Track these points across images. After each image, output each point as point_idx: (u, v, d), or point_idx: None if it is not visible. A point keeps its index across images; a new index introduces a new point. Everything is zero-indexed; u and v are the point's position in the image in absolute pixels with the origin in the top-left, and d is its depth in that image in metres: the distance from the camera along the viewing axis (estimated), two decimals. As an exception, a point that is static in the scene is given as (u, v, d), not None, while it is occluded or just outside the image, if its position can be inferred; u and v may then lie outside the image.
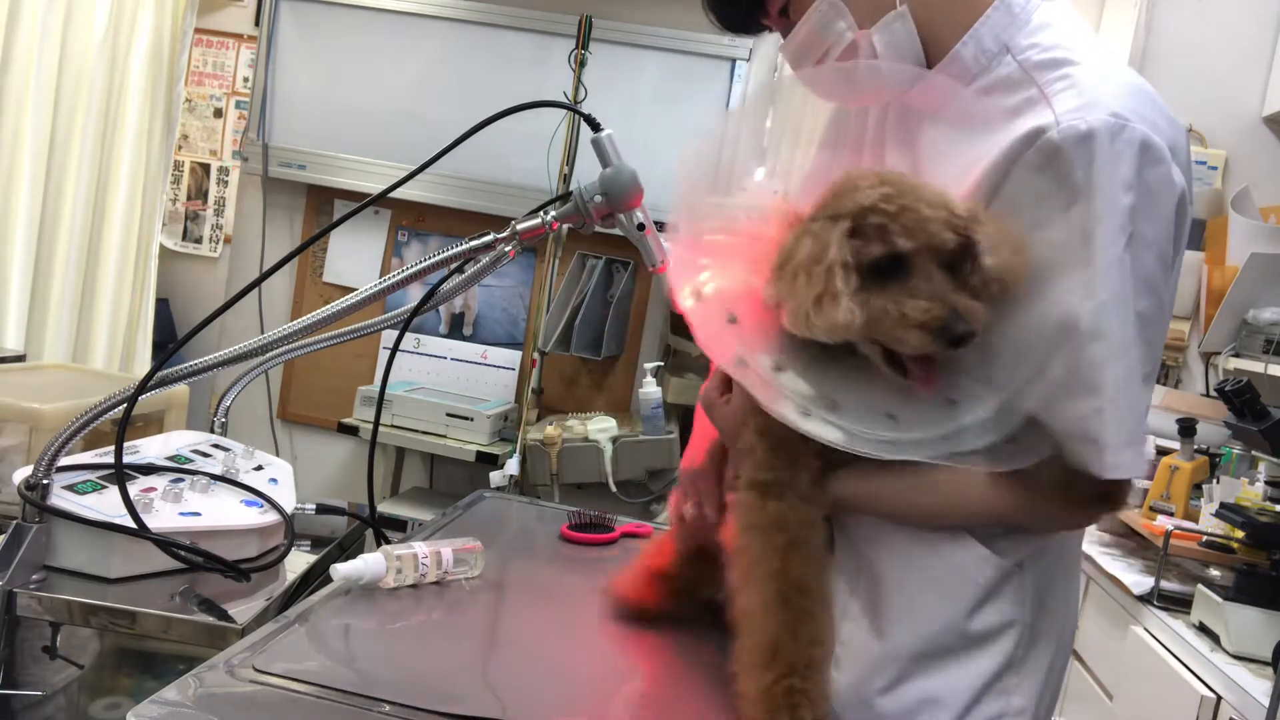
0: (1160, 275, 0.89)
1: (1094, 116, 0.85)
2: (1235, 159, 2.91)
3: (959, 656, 0.97)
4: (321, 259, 3.69)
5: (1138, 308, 0.87)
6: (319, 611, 1.00)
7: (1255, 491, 2.09)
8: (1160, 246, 0.88)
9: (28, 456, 1.35)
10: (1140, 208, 0.86)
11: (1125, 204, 0.85)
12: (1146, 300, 0.88)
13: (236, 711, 0.79)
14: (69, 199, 3.27)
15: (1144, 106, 0.88)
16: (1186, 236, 0.93)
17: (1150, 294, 0.88)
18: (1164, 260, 0.89)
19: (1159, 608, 1.90)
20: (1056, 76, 0.90)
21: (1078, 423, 0.88)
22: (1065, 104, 0.88)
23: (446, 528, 1.37)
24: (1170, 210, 0.88)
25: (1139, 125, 0.85)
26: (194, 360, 1.11)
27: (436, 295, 1.25)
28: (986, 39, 0.95)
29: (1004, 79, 0.94)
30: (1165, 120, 0.89)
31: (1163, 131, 0.87)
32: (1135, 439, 0.88)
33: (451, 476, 3.63)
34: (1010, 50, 0.95)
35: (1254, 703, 1.49)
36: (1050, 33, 0.94)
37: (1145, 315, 0.88)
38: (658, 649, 1.06)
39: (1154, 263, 0.88)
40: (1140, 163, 0.85)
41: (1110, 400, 0.86)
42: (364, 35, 3.53)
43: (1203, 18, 2.92)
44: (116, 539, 1.08)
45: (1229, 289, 2.56)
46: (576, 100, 3.37)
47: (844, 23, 0.98)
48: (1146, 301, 0.88)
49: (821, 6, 0.98)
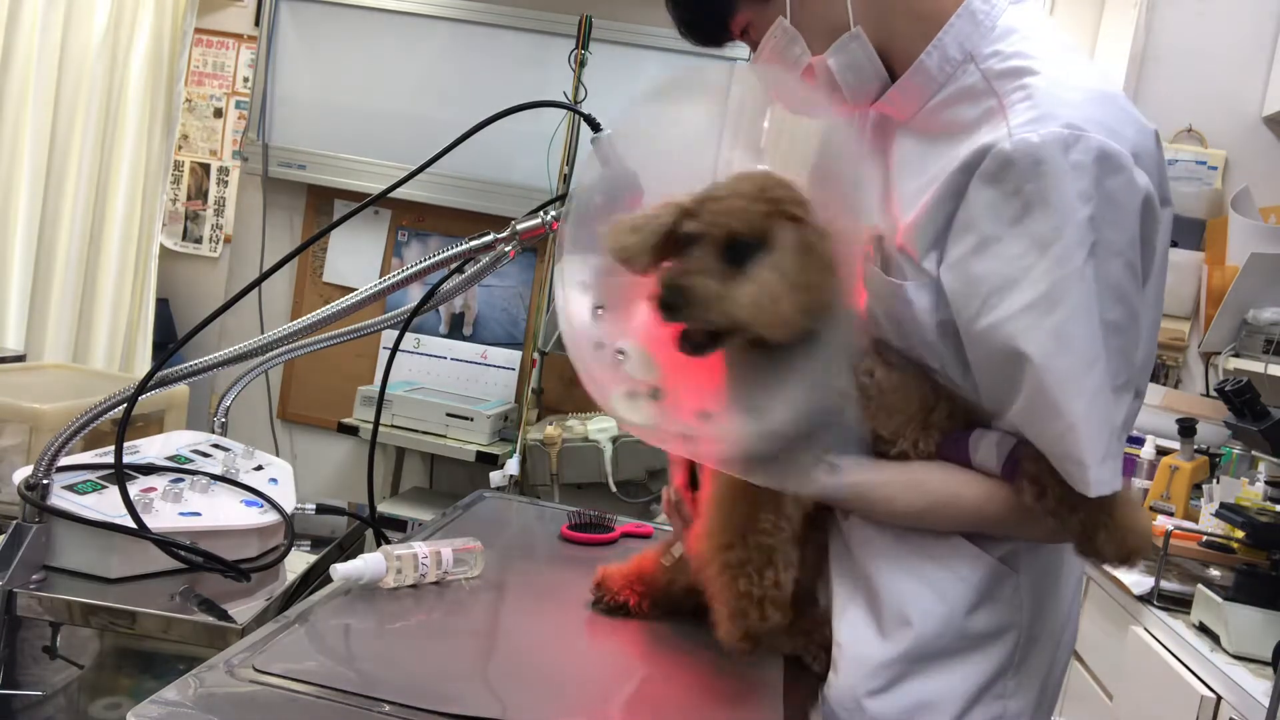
0: (1129, 283, 0.87)
1: (1046, 130, 0.84)
2: (1235, 159, 2.91)
3: (955, 659, 0.97)
4: (321, 259, 3.69)
5: (1106, 317, 0.86)
6: (319, 611, 1.00)
7: (1255, 491, 2.09)
8: (1127, 255, 0.87)
9: (28, 456, 1.35)
10: (1101, 217, 0.84)
11: (1083, 215, 0.84)
12: (1115, 310, 0.86)
13: (236, 711, 0.79)
14: (69, 199, 3.27)
15: (1104, 113, 0.86)
16: (1165, 240, 0.92)
17: (1120, 302, 0.87)
18: (1132, 269, 0.87)
19: (1159, 608, 1.90)
20: (1015, 87, 0.89)
21: (1056, 442, 0.88)
22: (1019, 116, 0.87)
23: (446, 528, 1.37)
24: (1134, 217, 0.87)
25: (1095, 135, 0.84)
26: (194, 360, 1.11)
27: (436, 295, 1.25)
28: (951, 48, 0.94)
29: (968, 89, 0.93)
30: (1129, 125, 0.88)
31: (1124, 138, 0.86)
32: (1111, 453, 0.88)
33: (451, 476, 3.63)
34: (975, 58, 0.94)
35: (1254, 703, 1.49)
36: (1014, 39, 0.93)
37: (1115, 325, 0.87)
38: (658, 649, 1.06)
39: (1121, 271, 0.86)
40: (1098, 172, 0.84)
41: (1082, 418, 0.85)
42: (364, 35, 3.53)
43: (1203, 18, 2.92)
44: (116, 539, 1.08)
45: (1229, 289, 2.56)
46: (576, 100, 3.37)
47: (799, 48, 0.99)
48: (1115, 311, 0.87)
49: (775, 32, 0.99)
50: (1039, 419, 0.88)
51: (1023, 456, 0.91)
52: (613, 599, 1.10)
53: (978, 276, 0.88)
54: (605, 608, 1.10)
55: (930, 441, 0.95)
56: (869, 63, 0.97)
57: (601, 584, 1.12)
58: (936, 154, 0.94)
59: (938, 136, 0.95)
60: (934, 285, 0.93)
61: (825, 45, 0.98)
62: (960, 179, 0.89)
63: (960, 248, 0.90)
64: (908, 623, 0.97)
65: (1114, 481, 0.88)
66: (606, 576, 1.12)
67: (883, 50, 0.97)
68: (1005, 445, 0.92)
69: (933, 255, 0.92)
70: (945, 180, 0.90)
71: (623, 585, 1.11)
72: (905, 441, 0.96)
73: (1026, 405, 0.88)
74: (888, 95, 0.99)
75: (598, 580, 1.12)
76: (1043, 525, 0.93)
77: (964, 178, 0.89)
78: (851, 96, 0.99)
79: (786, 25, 0.98)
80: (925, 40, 0.95)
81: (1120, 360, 0.88)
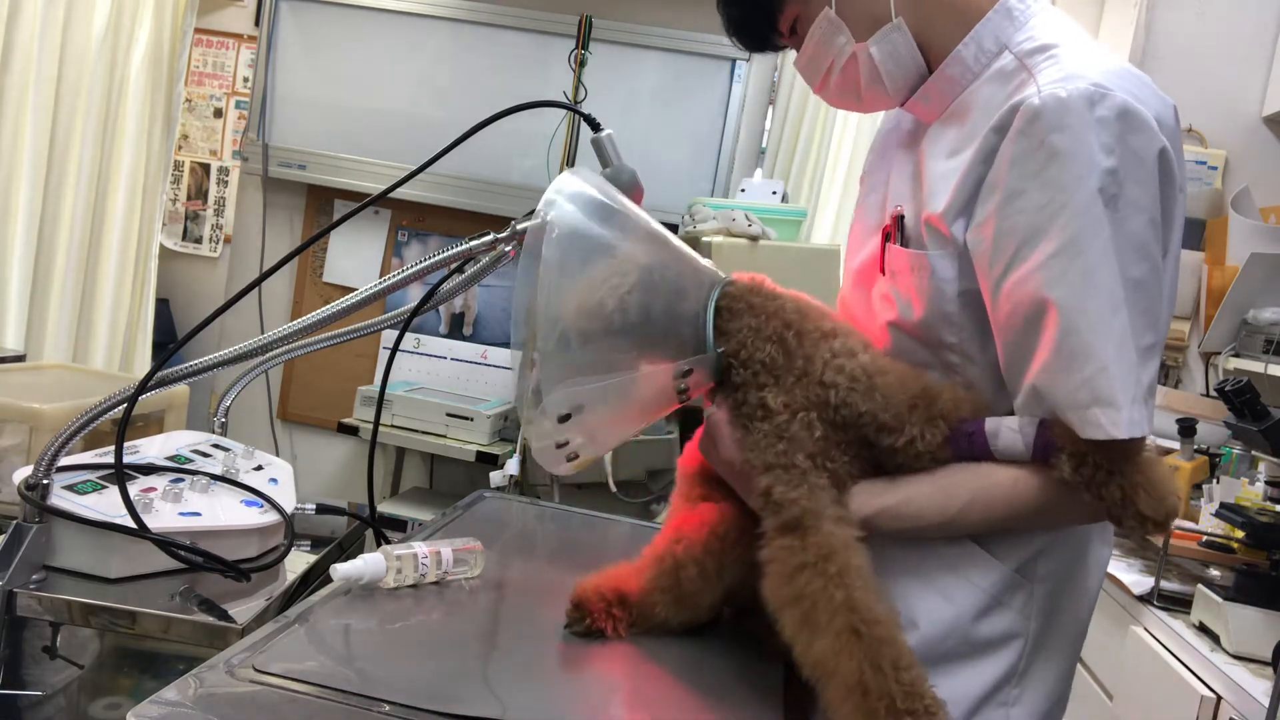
0: (1152, 240, 0.89)
1: (1073, 86, 0.88)
2: (1235, 159, 2.91)
3: (961, 663, 0.97)
4: (321, 259, 3.69)
5: (1130, 274, 0.87)
6: (319, 611, 1.00)
7: (1255, 491, 2.09)
8: (1150, 212, 0.88)
9: (28, 456, 1.35)
10: (1124, 171, 0.87)
11: (1105, 166, 0.86)
12: (1139, 266, 0.88)
13: (236, 711, 0.79)
14: (69, 199, 3.27)
15: (1129, 82, 0.90)
16: (1180, 220, 0.93)
17: (1143, 259, 0.88)
18: (1154, 225, 0.89)
19: (1159, 608, 1.90)
20: (1045, 58, 0.94)
21: (1084, 388, 0.86)
22: (1048, 76, 0.91)
23: (446, 528, 1.36)
24: (1155, 176, 0.89)
25: (1120, 94, 0.87)
26: (194, 360, 1.11)
27: (436, 295, 1.24)
28: (987, 40, 0.98)
29: (1000, 70, 0.97)
30: (1152, 96, 0.91)
31: (1148, 104, 0.89)
32: (1140, 398, 0.88)
33: (451, 476, 3.63)
34: (1008, 47, 0.97)
35: (1254, 703, 1.49)
36: (1045, 29, 0.97)
37: (1140, 281, 0.88)
38: (658, 649, 1.06)
39: (1144, 227, 0.88)
40: (1121, 128, 0.87)
41: (1114, 359, 0.86)
42: (364, 35, 3.53)
43: (1203, 18, 2.92)
44: (116, 539, 1.08)
45: (1229, 289, 2.56)
46: (576, 100, 3.37)
47: (843, 37, 1.02)
48: (1139, 268, 0.88)
49: (822, 24, 1.03)
50: (1069, 367, 0.87)
51: (1053, 434, 0.90)
52: (592, 624, 1.03)
53: (1006, 231, 0.90)
54: (582, 632, 1.02)
55: (938, 433, 0.93)
56: (909, 54, 1.01)
57: (579, 605, 1.04)
58: (969, 131, 0.96)
59: (970, 117, 0.97)
60: (958, 255, 0.95)
61: (866, 37, 1.02)
62: (992, 140, 0.92)
63: (988, 205, 0.92)
64: (914, 625, 0.97)
65: (1145, 425, 0.88)
66: (584, 598, 1.04)
67: (920, 43, 1.01)
68: (1030, 428, 0.90)
69: (960, 222, 0.94)
70: (978, 145, 0.93)
71: (600, 609, 1.03)
72: (913, 428, 0.93)
73: (1054, 355, 0.88)
74: (921, 90, 1.02)
75: (575, 600, 1.04)
76: (1078, 503, 0.90)
77: (996, 138, 0.92)
78: (891, 87, 1.03)
79: (832, 16, 1.02)
80: (961, 34, 0.99)
81: (1145, 320, 0.88)
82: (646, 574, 1.05)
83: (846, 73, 1.04)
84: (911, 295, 0.98)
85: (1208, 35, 2.91)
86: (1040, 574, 0.98)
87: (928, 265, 0.96)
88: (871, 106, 1.08)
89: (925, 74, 1.02)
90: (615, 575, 1.06)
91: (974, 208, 0.93)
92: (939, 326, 0.97)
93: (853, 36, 1.02)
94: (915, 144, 1.05)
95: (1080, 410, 0.87)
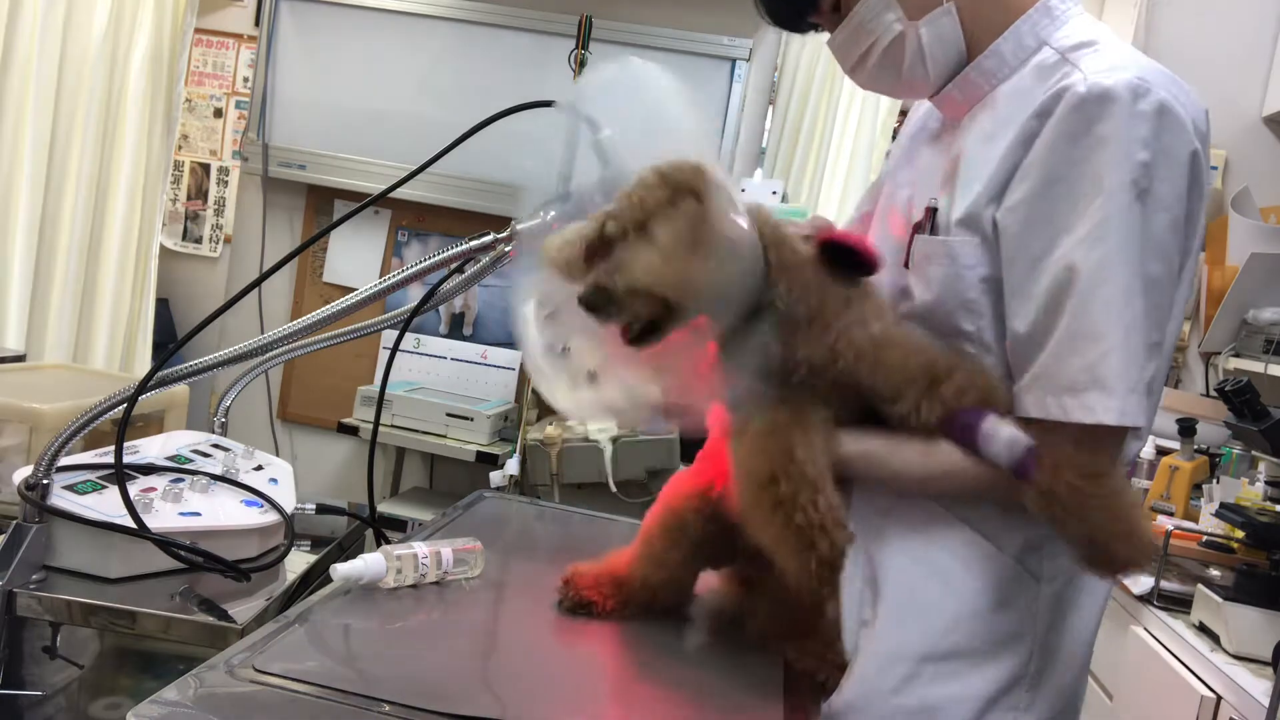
0: (1172, 241, 0.90)
1: (1119, 77, 0.89)
2: (1235, 159, 2.91)
3: (966, 662, 0.97)
4: (321, 259, 3.69)
5: (1146, 270, 0.89)
6: (319, 611, 1.00)
7: (1255, 491, 2.09)
8: (1173, 212, 0.90)
9: (28, 456, 1.35)
10: (1156, 167, 0.88)
11: (1140, 159, 0.88)
12: (1156, 264, 0.89)
13: (236, 711, 0.79)
14: (69, 199, 3.27)
15: (1168, 82, 0.91)
16: (1202, 223, 0.94)
17: (1160, 258, 0.90)
18: (1176, 226, 0.90)
19: (1159, 608, 1.90)
20: (1088, 50, 0.95)
21: (1088, 370, 0.88)
22: (1093, 65, 0.92)
23: (446, 528, 1.37)
24: (1185, 177, 0.90)
25: (1161, 91, 0.89)
26: (194, 360, 1.11)
27: (436, 295, 1.25)
28: (1026, 36, 1.00)
29: (1040, 65, 0.98)
30: (1189, 100, 0.92)
31: (1185, 106, 0.90)
32: (1138, 390, 0.89)
33: (451, 476, 3.63)
34: (1048, 43, 0.99)
35: (1254, 703, 1.49)
36: (1083, 28, 0.99)
37: (1154, 279, 0.89)
38: (659, 649, 1.06)
39: (1166, 226, 0.90)
40: (1158, 125, 0.88)
41: (1119, 344, 0.88)
42: (364, 35, 3.53)
43: (1203, 18, 2.92)
44: (116, 539, 1.08)
45: (1229, 289, 2.56)
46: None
47: (893, 15, 1.02)
48: (1156, 265, 0.89)
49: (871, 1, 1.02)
50: (1076, 349, 0.89)
51: (1036, 464, 0.90)
52: (578, 596, 1.08)
53: (1040, 212, 0.91)
54: (570, 605, 1.08)
55: (933, 411, 0.94)
56: (954, 39, 1.02)
57: (569, 582, 1.10)
58: (1005, 119, 0.97)
59: (1005, 108, 0.98)
60: (983, 242, 0.95)
61: (918, 17, 1.02)
62: (1033, 125, 0.93)
63: (1024, 188, 0.93)
64: (917, 615, 0.97)
65: (1137, 416, 0.89)
66: (575, 575, 1.11)
67: (963, 31, 1.02)
68: (1018, 448, 0.91)
69: (993, 206, 0.95)
70: (1016, 130, 0.94)
71: (590, 584, 1.09)
72: (907, 403, 0.95)
73: (1067, 332, 0.90)
74: (956, 80, 1.03)
75: (565, 578, 1.11)
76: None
77: (1037, 123, 0.93)
78: (934, 70, 1.03)
79: None
80: (1001, 28, 1.01)
81: (1154, 317, 0.90)
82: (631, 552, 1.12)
83: (890, 52, 1.03)
84: (934, 283, 0.99)
85: (1208, 35, 2.91)
86: (1046, 573, 0.98)
87: (955, 251, 0.97)
88: (905, 91, 1.08)
89: (964, 63, 1.03)
90: (606, 559, 1.13)
91: (1007, 191, 0.94)
92: (958, 314, 0.98)
93: (904, 15, 1.02)
94: (944, 140, 1.06)
95: (1078, 394, 0.89)
